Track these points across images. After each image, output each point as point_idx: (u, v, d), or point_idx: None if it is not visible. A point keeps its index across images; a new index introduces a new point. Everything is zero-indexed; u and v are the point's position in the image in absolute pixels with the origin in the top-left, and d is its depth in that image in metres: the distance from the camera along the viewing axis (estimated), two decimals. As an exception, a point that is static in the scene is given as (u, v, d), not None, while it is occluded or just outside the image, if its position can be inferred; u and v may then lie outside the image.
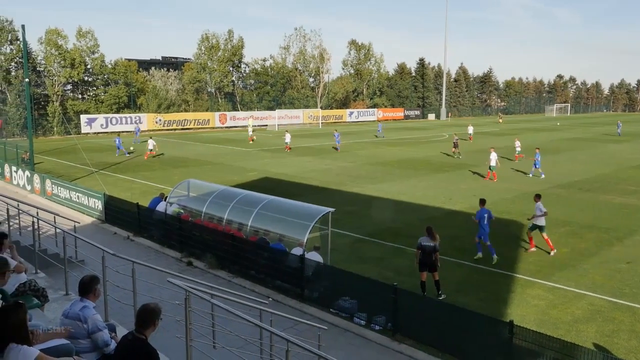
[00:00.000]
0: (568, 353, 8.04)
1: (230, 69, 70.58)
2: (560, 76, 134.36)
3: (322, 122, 69.94)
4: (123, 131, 51.48)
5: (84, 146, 38.28)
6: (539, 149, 28.92)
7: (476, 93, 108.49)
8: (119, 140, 36.55)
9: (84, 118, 52.55)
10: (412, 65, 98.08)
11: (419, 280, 11.66)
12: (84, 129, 52.30)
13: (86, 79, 58.45)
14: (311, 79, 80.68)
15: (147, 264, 8.54)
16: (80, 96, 58.81)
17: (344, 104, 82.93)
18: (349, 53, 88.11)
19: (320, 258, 12.26)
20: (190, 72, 67.50)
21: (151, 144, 34.65)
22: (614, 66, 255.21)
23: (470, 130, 48.28)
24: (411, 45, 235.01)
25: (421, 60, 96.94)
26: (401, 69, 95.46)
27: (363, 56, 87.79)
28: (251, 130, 48.54)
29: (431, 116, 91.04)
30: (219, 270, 13.65)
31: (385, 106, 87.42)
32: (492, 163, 26.52)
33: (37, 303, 6.75)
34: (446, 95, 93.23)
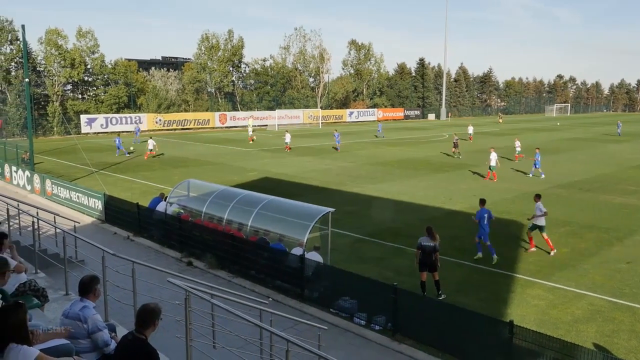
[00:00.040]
0: (568, 353, 8.04)
1: (230, 69, 70.59)
2: (560, 76, 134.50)
3: (322, 122, 69.93)
4: (123, 131, 51.50)
5: (84, 146, 38.28)
6: (539, 148, 28.93)
7: (476, 93, 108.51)
8: (119, 140, 36.56)
9: (84, 118, 52.57)
10: (412, 65, 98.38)
11: (419, 280, 11.67)
12: (84, 129, 52.32)
13: (86, 79, 58.45)
14: (311, 79, 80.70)
15: (147, 264, 8.55)
16: (80, 96, 58.80)
17: (344, 104, 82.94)
18: (349, 53, 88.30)
19: (320, 258, 12.26)
20: (190, 72, 67.51)
21: (151, 144, 34.66)
22: (614, 66, 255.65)
23: (471, 130, 48.31)
24: (411, 45, 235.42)
25: (421, 60, 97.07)
26: (401, 69, 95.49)
27: (363, 56, 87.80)
28: (251, 130, 48.53)
29: (431, 116, 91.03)
30: (219, 270, 13.65)
31: (385, 106, 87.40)
32: (492, 163, 26.54)
33: (37, 303, 6.75)
34: (446, 95, 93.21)
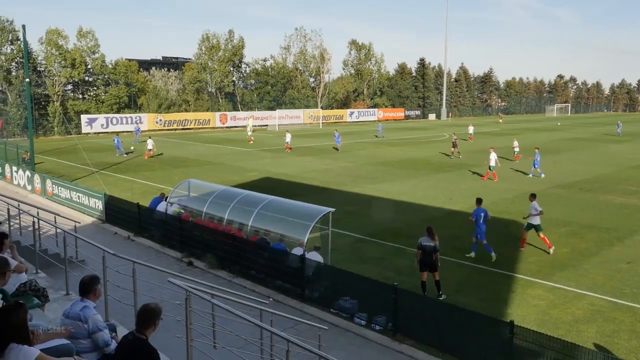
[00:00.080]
0: (568, 353, 8.04)
1: (231, 69, 70.59)
2: (560, 76, 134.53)
3: (323, 122, 69.94)
4: (123, 131, 51.51)
5: (85, 146, 38.27)
6: (538, 148, 28.90)
7: (477, 93, 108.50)
8: (118, 140, 36.44)
9: (84, 118, 52.57)
10: (413, 65, 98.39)
11: (419, 280, 11.67)
12: (85, 129, 52.33)
13: (87, 79, 58.47)
14: (312, 79, 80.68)
15: (148, 264, 8.55)
16: (80, 96, 58.82)
17: (345, 104, 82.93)
18: (350, 53, 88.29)
19: (321, 258, 12.27)
20: (191, 72, 67.53)
21: (150, 144, 34.67)
22: (614, 66, 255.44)
23: (471, 130, 48.33)
24: (411, 45, 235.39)
25: (422, 60, 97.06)
26: (402, 69, 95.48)
27: (363, 56, 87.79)
28: (250, 130, 48.48)
29: (432, 116, 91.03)
30: (220, 270, 13.65)
31: (386, 106, 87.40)
32: (492, 163, 26.56)
33: (38, 303, 6.76)
34: (447, 95, 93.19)
